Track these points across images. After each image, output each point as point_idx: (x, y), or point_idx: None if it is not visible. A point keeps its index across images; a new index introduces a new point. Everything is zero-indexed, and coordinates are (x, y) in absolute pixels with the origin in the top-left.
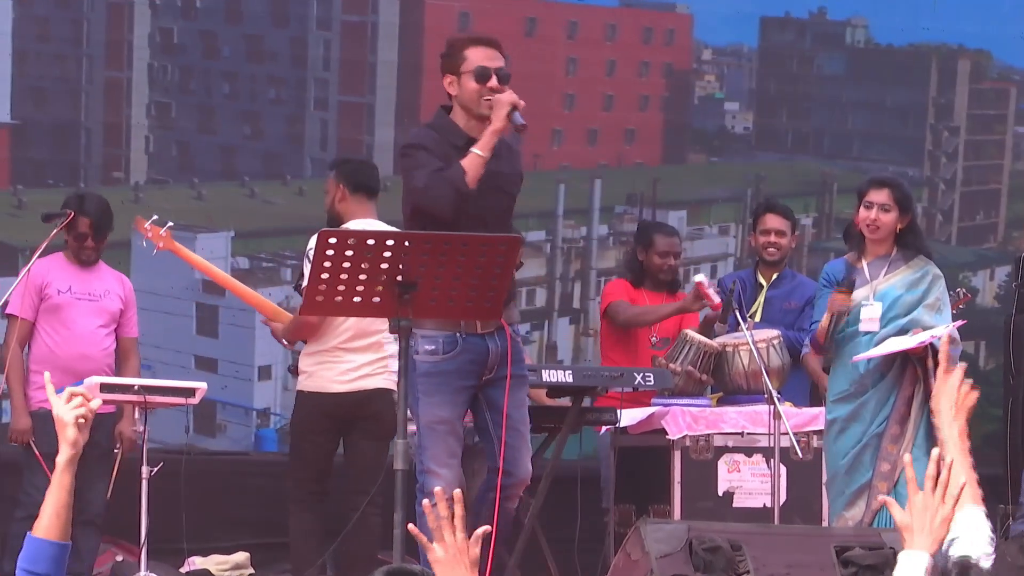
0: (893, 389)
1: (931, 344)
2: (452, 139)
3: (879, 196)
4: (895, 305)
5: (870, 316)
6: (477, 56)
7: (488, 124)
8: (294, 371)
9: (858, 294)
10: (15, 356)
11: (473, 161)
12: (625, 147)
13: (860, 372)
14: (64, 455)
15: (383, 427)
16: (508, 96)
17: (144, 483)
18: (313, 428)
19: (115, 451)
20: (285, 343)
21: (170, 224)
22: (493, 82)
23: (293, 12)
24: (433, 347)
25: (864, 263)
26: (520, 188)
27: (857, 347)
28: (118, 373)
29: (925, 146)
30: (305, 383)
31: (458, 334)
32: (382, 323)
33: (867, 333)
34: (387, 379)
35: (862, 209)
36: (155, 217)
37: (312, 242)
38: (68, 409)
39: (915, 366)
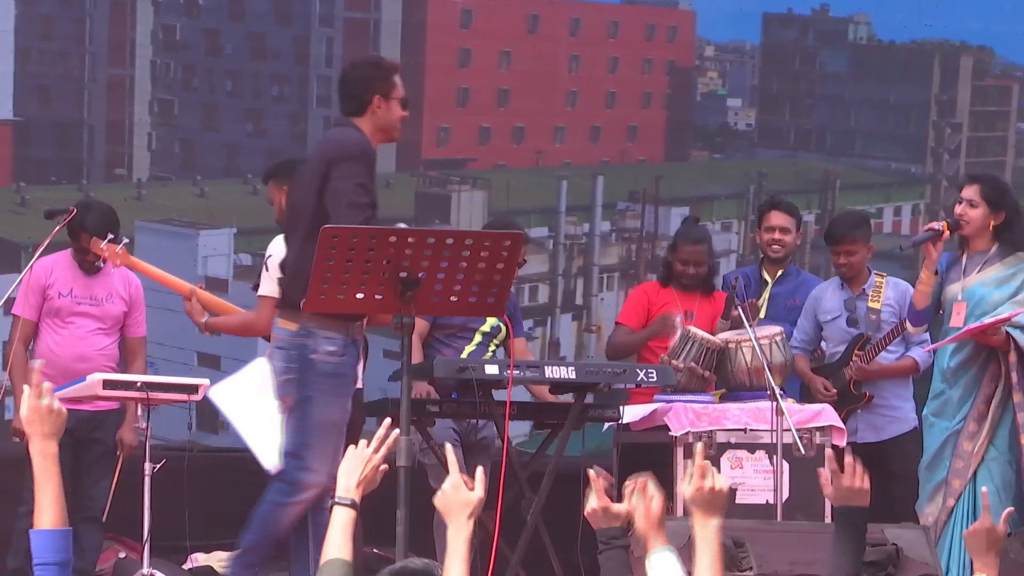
0: (975, 386)
1: (1012, 337)
2: (371, 154)
3: (968, 192)
4: (983, 302)
5: (957, 312)
6: (400, 83)
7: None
8: None
9: (952, 290)
10: (18, 355)
11: None
12: (628, 144)
13: (944, 367)
14: (54, 446)
15: (353, 431)
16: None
17: (147, 480)
18: None
19: (117, 454)
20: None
21: (125, 240)
22: (407, 111)
23: (296, 9)
24: (334, 348)
25: (964, 258)
26: None
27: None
28: (126, 372)
29: (928, 143)
30: None
31: (348, 338)
32: None
33: (956, 329)
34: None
35: (956, 204)
36: (110, 237)
37: (271, 248)
38: (41, 397)
39: (998, 362)
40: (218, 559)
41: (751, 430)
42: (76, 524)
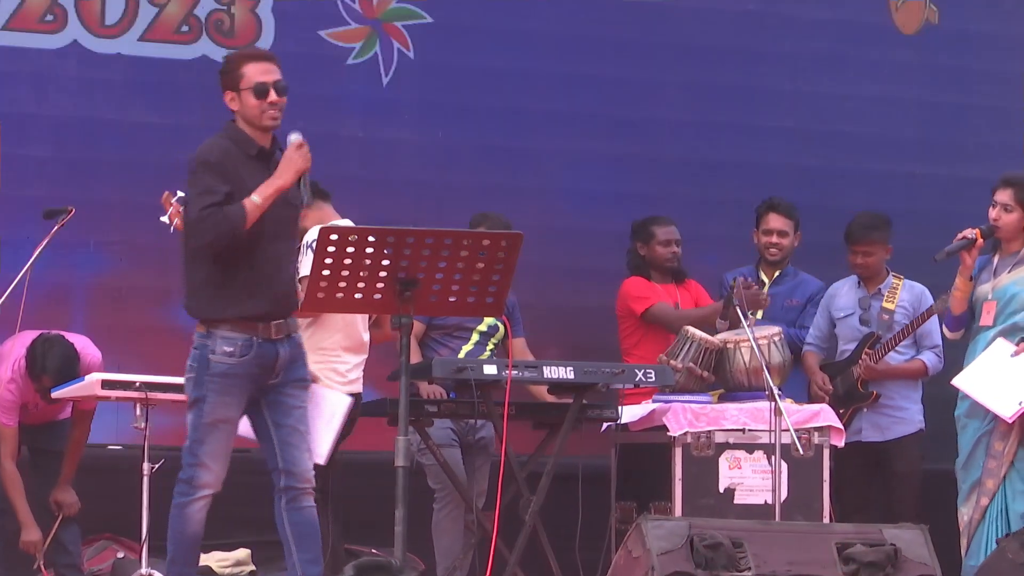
0: None
1: None
2: (246, 149)
3: (1003, 196)
4: (1012, 302)
5: (987, 311)
6: (253, 72)
7: (265, 135)
8: None
9: (983, 289)
10: (10, 473)
11: (252, 208)
12: None
13: None
14: None
15: (349, 430)
16: (302, 160)
17: (145, 480)
18: None
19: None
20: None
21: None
22: (272, 96)
23: None
24: (231, 349)
25: (996, 259)
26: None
27: (983, 342)
28: (69, 435)
29: None
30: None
31: (254, 338)
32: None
33: (985, 328)
34: (360, 383)
35: (990, 208)
36: (180, 194)
37: (312, 234)
38: None
39: None
40: (216, 559)
41: (749, 430)
42: (51, 525)
